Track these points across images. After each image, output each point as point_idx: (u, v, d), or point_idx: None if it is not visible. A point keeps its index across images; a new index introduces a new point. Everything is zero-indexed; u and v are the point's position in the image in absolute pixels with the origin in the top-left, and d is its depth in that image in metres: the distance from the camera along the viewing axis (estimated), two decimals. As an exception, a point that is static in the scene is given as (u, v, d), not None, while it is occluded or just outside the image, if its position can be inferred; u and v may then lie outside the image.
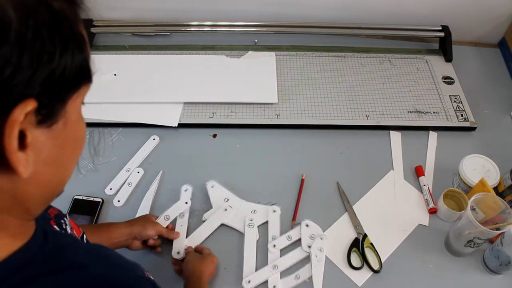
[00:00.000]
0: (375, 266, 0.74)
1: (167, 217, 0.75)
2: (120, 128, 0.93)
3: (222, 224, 0.78)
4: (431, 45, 1.15)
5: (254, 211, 0.79)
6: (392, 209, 0.82)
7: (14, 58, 0.24)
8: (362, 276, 0.73)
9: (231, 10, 1.12)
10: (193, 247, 0.74)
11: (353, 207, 0.82)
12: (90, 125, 0.92)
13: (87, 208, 0.79)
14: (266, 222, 0.78)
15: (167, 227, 0.75)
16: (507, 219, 0.68)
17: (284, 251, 0.75)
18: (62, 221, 0.47)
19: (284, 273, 0.73)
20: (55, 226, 0.44)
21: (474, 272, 0.74)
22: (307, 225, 0.77)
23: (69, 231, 0.47)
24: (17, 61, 0.24)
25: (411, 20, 1.12)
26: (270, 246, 0.75)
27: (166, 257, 0.74)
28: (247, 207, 0.80)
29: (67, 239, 0.41)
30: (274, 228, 0.77)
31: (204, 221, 0.78)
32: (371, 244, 0.76)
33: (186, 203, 0.78)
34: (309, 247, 0.74)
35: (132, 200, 0.81)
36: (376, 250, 0.76)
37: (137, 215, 0.78)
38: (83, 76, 0.30)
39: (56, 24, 0.27)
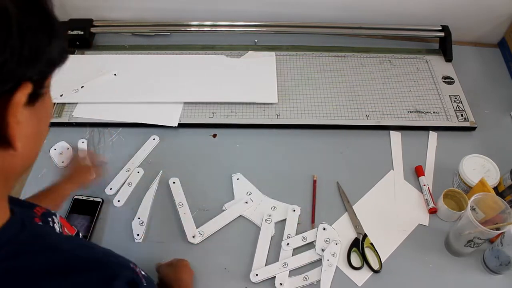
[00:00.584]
0: (375, 266, 0.74)
1: (181, 204, 0.80)
2: (120, 128, 0.93)
3: (240, 216, 0.79)
4: (431, 45, 1.15)
5: (274, 207, 0.80)
6: (392, 209, 0.82)
7: (17, 49, 0.28)
8: (362, 276, 0.73)
9: (231, 10, 1.12)
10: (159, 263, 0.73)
11: (353, 207, 0.82)
12: (90, 125, 0.92)
13: (87, 208, 0.79)
14: (283, 220, 0.79)
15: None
16: (507, 219, 0.68)
17: (296, 251, 0.75)
18: (50, 219, 0.46)
19: (293, 273, 0.73)
20: (40, 223, 0.44)
21: (474, 272, 0.74)
22: (324, 229, 0.77)
23: (57, 228, 0.47)
24: (20, 51, 0.28)
25: (411, 20, 1.12)
26: (283, 244, 0.75)
27: (166, 254, 0.74)
28: (268, 203, 0.81)
29: (47, 229, 0.41)
30: (291, 227, 0.78)
31: (224, 210, 0.79)
32: (371, 244, 0.76)
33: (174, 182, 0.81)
34: (323, 250, 0.74)
35: (132, 200, 0.81)
36: (376, 250, 0.76)
37: (137, 215, 0.78)
38: (63, 58, 0.34)
39: (45, 16, 0.31)
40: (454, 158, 0.85)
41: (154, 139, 0.90)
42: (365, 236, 0.77)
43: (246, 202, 0.80)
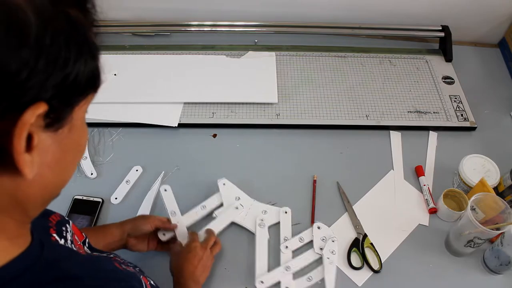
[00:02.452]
0: (375, 266, 0.74)
1: (173, 212, 0.76)
2: (120, 128, 0.93)
3: (232, 223, 0.78)
4: (431, 45, 1.15)
5: (265, 211, 0.79)
6: (392, 209, 0.82)
7: (31, 61, 0.25)
8: (362, 276, 0.73)
9: (231, 10, 1.12)
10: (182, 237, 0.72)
11: (353, 207, 0.82)
12: (90, 125, 0.92)
13: (87, 208, 0.79)
14: (277, 223, 0.78)
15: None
16: (507, 219, 0.68)
17: (296, 253, 0.75)
18: (64, 228, 0.47)
19: (297, 275, 0.72)
20: (55, 235, 0.44)
21: (474, 272, 0.74)
22: (318, 227, 0.77)
23: (69, 238, 0.47)
24: (34, 64, 0.25)
25: (411, 20, 1.12)
26: (282, 247, 0.75)
27: (167, 257, 0.74)
28: (258, 207, 0.80)
29: (64, 251, 0.41)
30: (286, 229, 0.77)
31: (214, 217, 0.78)
32: (371, 244, 0.76)
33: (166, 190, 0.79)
34: (321, 249, 0.74)
35: (130, 198, 0.81)
36: (376, 250, 0.76)
37: (138, 215, 0.78)
38: (93, 84, 0.31)
39: (72, 32, 0.28)
40: (454, 158, 0.85)
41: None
42: (365, 236, 0.77)
43: (237, 208, 0.79)
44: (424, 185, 0.84)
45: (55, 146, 0.30)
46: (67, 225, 0.48)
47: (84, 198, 0.80)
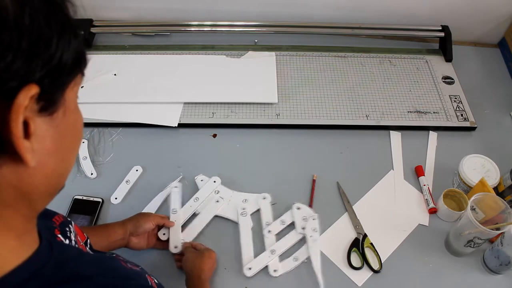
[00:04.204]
0: (375, 266, 0.74)
1: (174, 210, 0.77)
2: (120, 128, 0.93)
3: (215, 216, 0.79)
4: (431, 45, 1.15)
5: (245, 200, 0.81)
6: (392, 209, 0.82)
7: (14, 43, 0.25)
8: (362, 276, 0.73)
9: (231, 10, 1.12)
10: (189, 242, 0.74)
11: (353, 207, 0.82)
12: (90, 125, 0.92)
13: (87, 208, 0.79)
14: (258, 210, 0.80)
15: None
16: (507, 219, 0.68)
17: (279, 236, 0.77)
18: (67, 229, 0.47)
19: (282, 256, 0.74)
20: (60, 236, 0.44)
21: (474, 272, 0.74)
22: (298, 208, 0.79)
23: (73, 238, 0.47)
24: (17, 45, 0.25)
25: (411, 20, 1.12)
26: (265, 231, 0.76)
27: (168, 255, 0.74)
28: (238, 197, 0.82)
29: (72, 251, 0.41)
30: (266, 215, 0.79)
31: (197, 214, 0.79)
32: (371, 244, 0.76)
33: (176, 187, 0.80)
34: (303, 228, 0.76)
35: (130, 198, 0.82)
36: (376, 250, 0.76)
37: (138, 213, 0.78)
38: (79, 63, 0.31)
39: (50, 10, 0.27)
40: (454, 158, 0.85)
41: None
42: (365, 236, 0.77)
43: (217, 201, 0.80)
44: (424, 185, 0.84)
45: (52, 132, 0.30)
46: (70, 225, 0.48)
47: (84, 198, 0.80)
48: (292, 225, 0.78)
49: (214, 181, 0.83)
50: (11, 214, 0.30)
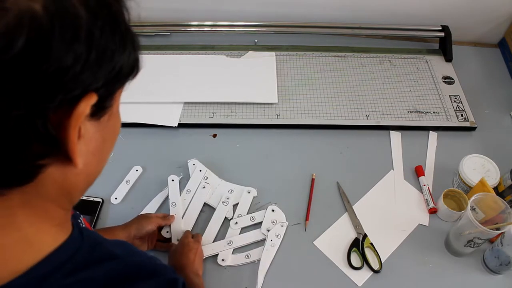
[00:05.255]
0: (375, 266, 0.74)
1: (174, 204, 0.78)
2: (123, 129, 0.92)
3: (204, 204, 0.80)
4: (431, 45, 1.15)
5: (231, 190, 0.82)
6: (392, 209, 0.82)
7: (84, 54, 0.26)
8: (362, 276, 0.73)
9: (231, 10, 1.12)
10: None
11: (353, 207, 0.82)
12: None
13: (87, 208, 0.79)
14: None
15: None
16: (507, 219, 0.68)
17: (243, 230, 0.77)
18: (79, 221, 0.48)
19: (237, 250, 0.75)
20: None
21: (474, 272, 0.74)
22: (272, 210, 0.79)
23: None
24: (86, 57, 0.26)
25: (411, 20, 1.12)
26: (232, 222, 0.77)
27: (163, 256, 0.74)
28: (225, 186, 0.82)
29: (97, 235, 0.42)
30: (243, 207, 0.80)
31: (185, 200, 0.80)
32: (371, 244, 0.76)
33: (173, 180, 0.81)
34: (268, 230, 0.77)
35: (130, 198, 0.81)
36: (376, 250, 0.76)
37: (139, 215, 0.78)
38: (133, 72, 0.33)
39: (115, 23, 0.29)
40: (454, 158, 0.85)
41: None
42: (365, 236, 0.77)
43: (204, 187, 0.81)
44: (424, 185, 0.84)
45: (98, 135, 0.32)
46: (80, 218, 0.49)
47: (84, 198, 0.80)
48: (259, 224, 0.78)
49: (200, 170, 0.83)
50: (53, 207, 0.33)
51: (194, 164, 0.84)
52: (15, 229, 0.30)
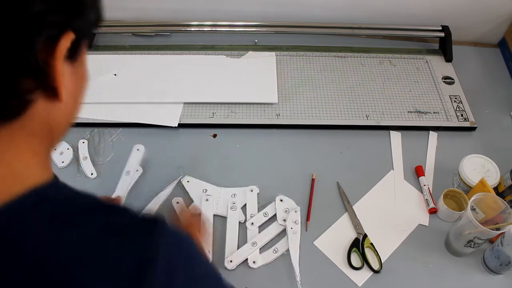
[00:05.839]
0: (375, 266, 0.74)
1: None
2: (120, 128, 0.93)
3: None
4: (431, 45, 1.15)
5: (234, 194, 0.82)
6: (392, 209, 0.82)
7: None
8: (362, 276, 0.73)
9: (231, 10, 1.12)
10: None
11: (353, 207, 0.82)
12: (90, 125, 0.92)
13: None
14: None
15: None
16: (507, 219, 0.68)
17: (261, 228, 0.77)
18: None
19: (263, 248, 0.75)
20: None
21: (474, 272, 0.74)
22: (281, 200, 0.80)
23: None
24: (66, 1, 0.31)
25: (411, 20, 1.12)
26: (248, 224, 0.77)
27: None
28: (227, 192, 0.82)
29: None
30: (252, 207, 0.80)
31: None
32: (371, 244, 0.76)
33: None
34: (284, 220, 0.77)
35: (130, 198, 0.81)
36: (376, 250, 0.76)
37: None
38: (97, 22, 0.36)
39: None
40: (454, 158, 0.85)
41: (138, 149, 0.87)
42: (365, 236, 0.77)
43: (207, 200, 0.80)
44: (424, 185, 0.84)
45: (73, 77, 0.36)
46: None
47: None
48: (275, 217, 0.79)
49: (138, 149, 0.82)
50: (37, 144, 0.35)
51: (188, 181, 0.83)
52: (4, 163, 0.33)
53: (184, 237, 0.38)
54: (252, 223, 0.77)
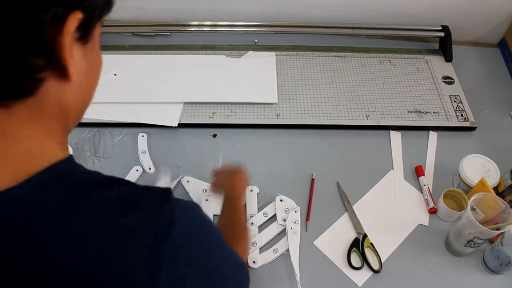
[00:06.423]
0: (375, 266, 0.74)
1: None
2: (126, 129, 0.92)
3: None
4: (431, 45, 1.15)
5: None
6: (392, 209, 0.82)
7: None
8: (362, 276, 0.73)
9: (231, 10, 1.12)
10: (217, 168, 0.78)
11: (353, 207, 0.82)
12: (90, 125, 0.92)
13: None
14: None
15: None
16: (507, 219, 0.68)
17: (262, 227, 0.78)
18: None
19: (263, 248, 0.75)
20: None
21: (474, 272, 0.74)
22: (281, 200, 0.80)
23: None
24: None
25: (411, 20, 1.12)
26: (248, 224, 0.77)
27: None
28: None
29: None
30: (252, 207, 0.80)
31: None
32: (371, 244, 0.76)
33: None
34: (284, 220, 0.77)
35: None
36: (376, 250, 0.76)
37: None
38: (109, 3, 0.36)
39: None
40: (454, 158, 0.85)
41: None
42: (365, 236, 0.77)
43: (207, 200, 0.80)
44: (424, 185, 0.84)
45: (85, 59, 0.36)
46: None
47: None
48: (275, 217, 0.79)
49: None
50: (54, 125, 0.36)
51: (188, 181, 0.84)
52: (22, 139, 0.33)
53: (194, 205, 0.41)
54: (252, 223, 0.77)
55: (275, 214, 0.79)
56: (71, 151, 0.87)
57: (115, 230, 0.32)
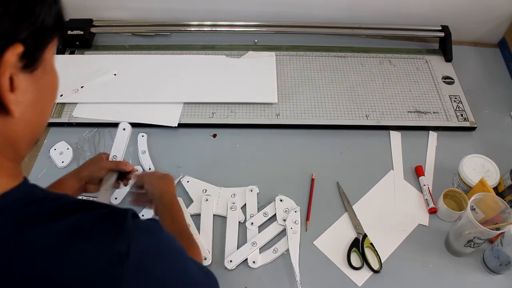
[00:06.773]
0: (375, 266, 0.74)
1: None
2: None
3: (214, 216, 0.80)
4: (431, 45, 1.15)
5: (234, 194, 0.82)
6: (392, 209, 0.82)
7: (3, 7, 0.28)
8: (362, 276, 0.73)
9: (231, 10, 1.12)
10: (142, 173, 0.76)
11: (353, 207, 0.82)
12: (90, 125, 0.92)
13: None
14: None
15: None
16: (507, 219, 0.68)
17: (261, 228, 0.78)
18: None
19: (263, 248, 0.75)
20: None
21: (474, 272, 0.74)
22: (281, 200, 0.80)
23: None
24: (6, 10, 0.29)
25: (411, 20, 1.12)
26: (248, 224, 0.78)
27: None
28: (227, 192, 0.82)
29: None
30: (251, 207, 0.80)
31: (191, 215, 0.79)
32: (371, 244, 0.76)
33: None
34: (284, 220, 0.77)
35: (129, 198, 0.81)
36: (376, 250, 0.76)
37: (141, 213, 0.78)
38: (59, 25, 0.34)
39: None
40: (454, 158, 0.85)
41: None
42: (365, 236, 0.77)
43: (207, 200, 0.80)
44: (424, 185, 0.84)
45: (33, 87, 0.34)
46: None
47: (85, 198, 0.80)
48: (275, 217, 0.79)
49: (124, 129, 0.74)
50: (1, 158, 0.35)
51: (188, 181, 0.84)
52: None
53: (153, 224, 0.40)
54: (252, 223, 0.78)
55: (275, 214, 0.79)
56: (70, 152, 0.87)
57: (60, 267, 0.31)
